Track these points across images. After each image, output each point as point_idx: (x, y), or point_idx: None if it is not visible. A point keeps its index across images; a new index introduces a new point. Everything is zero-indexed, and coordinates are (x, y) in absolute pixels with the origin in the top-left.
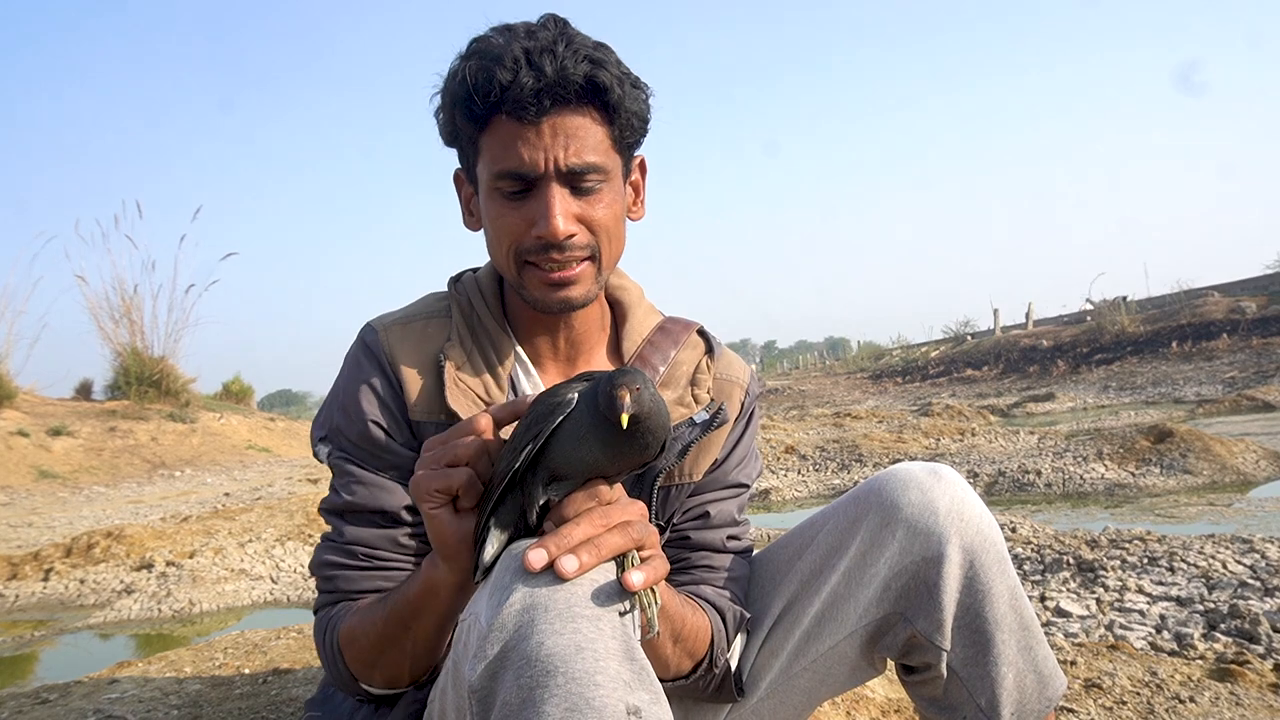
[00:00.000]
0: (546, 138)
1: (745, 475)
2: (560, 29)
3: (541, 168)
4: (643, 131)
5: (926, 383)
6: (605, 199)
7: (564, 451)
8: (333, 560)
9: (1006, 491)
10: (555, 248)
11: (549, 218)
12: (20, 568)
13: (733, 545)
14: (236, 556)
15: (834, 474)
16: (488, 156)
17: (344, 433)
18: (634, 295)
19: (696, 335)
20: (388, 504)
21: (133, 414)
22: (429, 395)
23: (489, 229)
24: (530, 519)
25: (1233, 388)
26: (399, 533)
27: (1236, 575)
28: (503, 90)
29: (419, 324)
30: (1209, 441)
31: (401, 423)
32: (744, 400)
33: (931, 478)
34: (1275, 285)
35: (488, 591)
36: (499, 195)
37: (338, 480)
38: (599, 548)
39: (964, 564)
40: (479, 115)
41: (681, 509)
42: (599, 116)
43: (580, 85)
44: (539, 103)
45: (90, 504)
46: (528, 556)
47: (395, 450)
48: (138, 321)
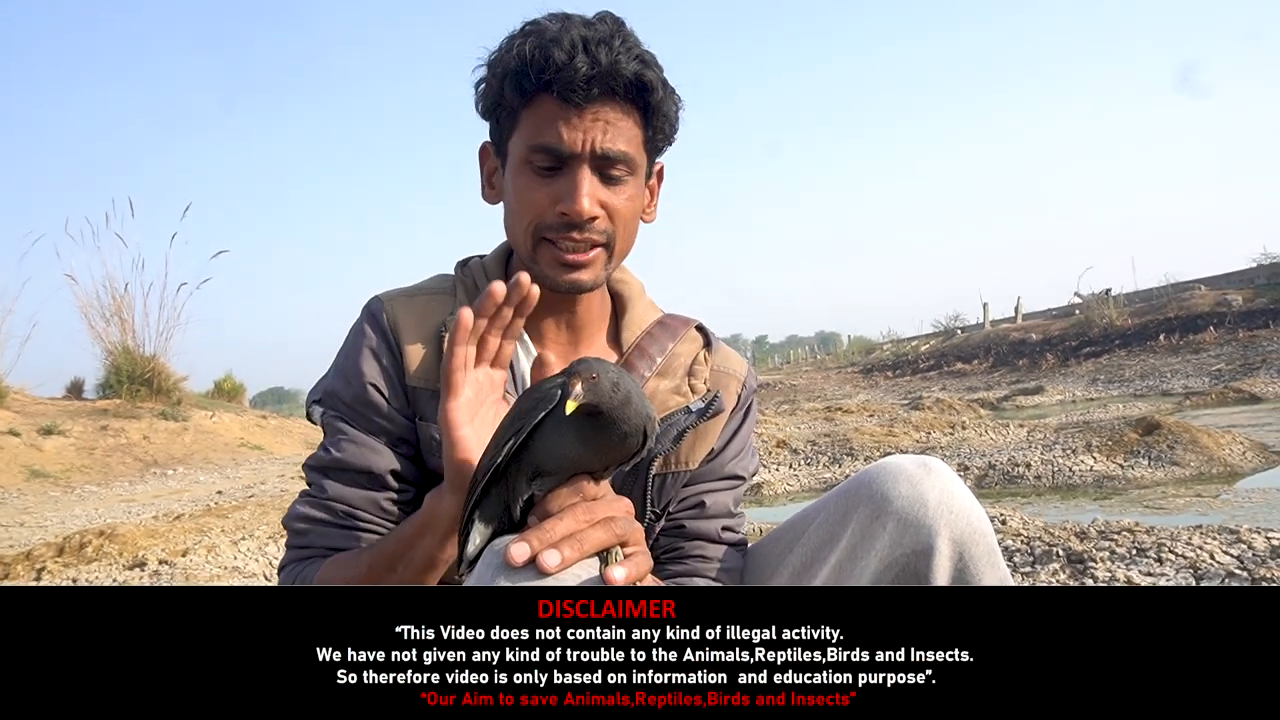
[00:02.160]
0: (588, 121)
1: (742, 468)
2: (617, 25)
3: (578, 148)
4: (670, 139)
5: (917, 376)
6: (628, 191)
7: (546, 446)
8: (310, 514)
9: (996, 484)
10: (576, 227)
11: (576, 196)
12: (12, 567)
13: (727, 537)
14: (230, 554)
15: (825, 468)
16: (526, 130)
17: (340, 395)
18: (635, 290)
19: (695, 330)
20: (375, 465)
21: (124, 413)
22: (428, 363)
23: (512, 201)
24: (514, 514)
25: (1220, 380)
26: (381, 496)
27: (1224, 566)
28: (557, 70)
29: (423, 298)
30: (1196, 434)
31: (399, 389)
32: (740, 393)
33: (921, 470)
34: (1262, 278)
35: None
36: (530, 169)
37: (328, 438)
38: (582, 543)
39: (954, 556)
40: (527, 90)
41: (677, 498)
42: (637, 115)
43: (629, 80)
44: (588, 88)
45: (82, 503)
46: (510, 551)
47: (389, 415)
48: (129, 320)
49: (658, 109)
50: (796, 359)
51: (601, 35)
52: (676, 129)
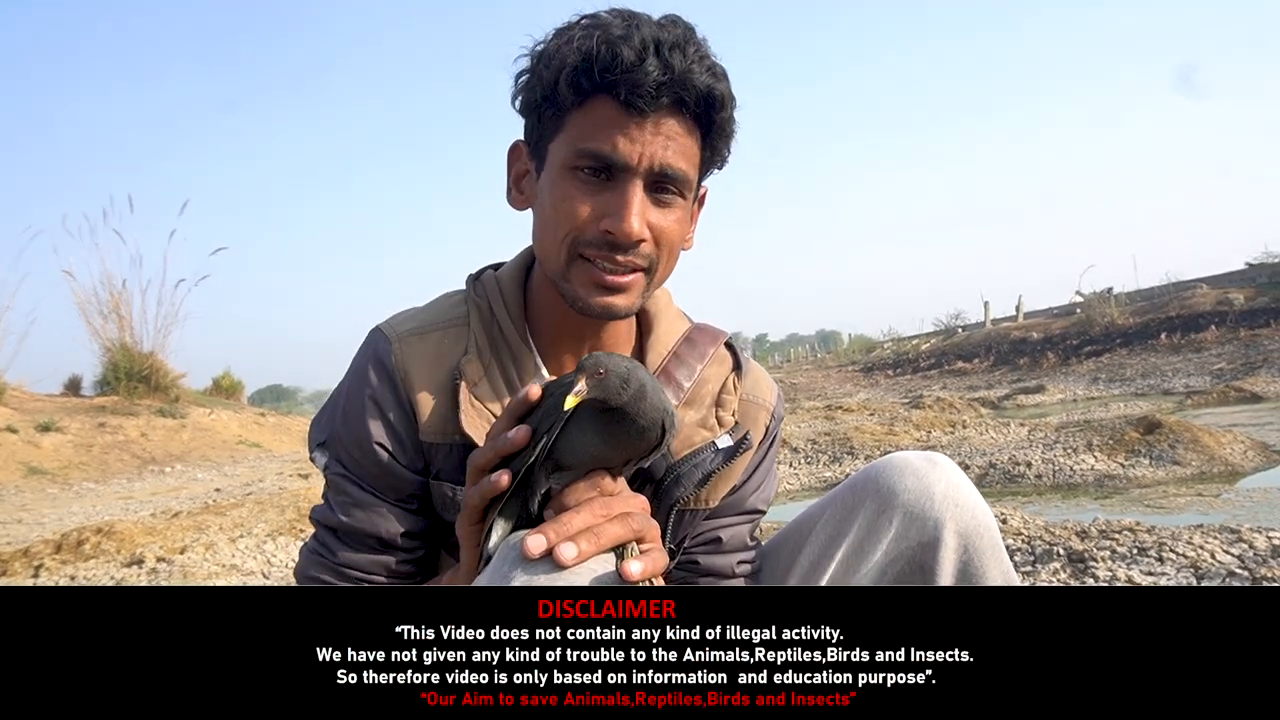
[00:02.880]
0: (648, 133)
1: (762, 500)
2: (690, 31)
3: (634, 161)
4: (723, 164)
5: (917, 375)
6: (678, 214)
7: (568, 441)
8: (321, 577)
9: (997, 483)
10: (620, 248)
11: (626, 214)
12: (10, 564)
13: (741, 570)
14: (228, 552)
15: (825, 466)
16: (575, 132)
17: (345, 445)
18: (662, 302)
19: (724, 349)
20: (384, 530)
21: (122, 409)
22: (442, 416)
23: (549, 209)
24: (532, 507)
25: (1221, 379)
26: (392, 559)
27: (1225, 565)
28: (625, 72)
29: (435, 335)
30: (1198, 433)
31: (409, 445)
32: (769, 424)
33: (927, 464)
34: (1263, 277)
35: (487, 578)
36: (575, 176)
37: (334, 496)
38: (598, 537)
39: (959, 548)
40: (585, 89)
41: (693, 533)
42: (699, 132)
43: (700, 93)
44: (656, 96)
45: (80, 500)
46: (526, 543)
47: (397, 473)
48: (127, 316)
49: (721, 129)
50: (797, 357)
51: (675, 39)
52: (730, 154)
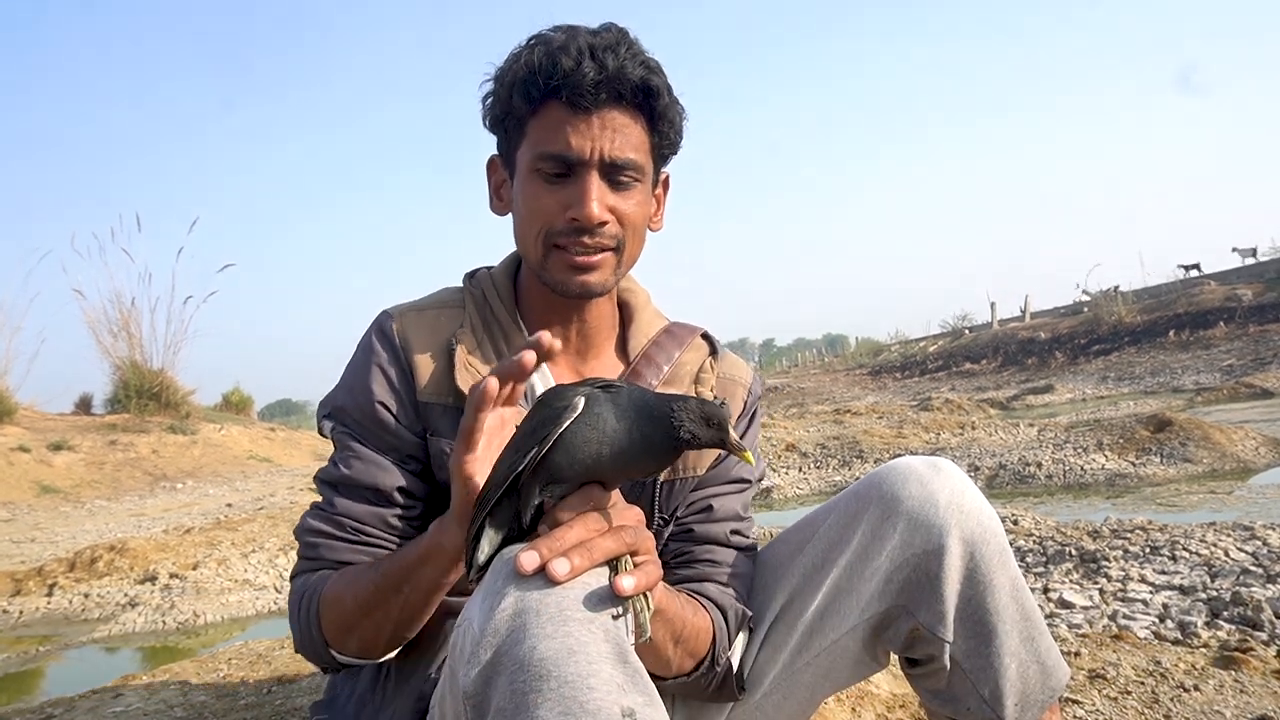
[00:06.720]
0: (595, 128)
1: (748, 470)
2: (622, 34)
3: (586, 155)
4: (675, 147)
5: (925, 377)
6: (636, 197)
7: (567, 456)
8: (319, 528)
9: (1008, 484)
10: (586, 232)
11: (585, 202)
12: (24, 583)
13: (737, 540)
14: (240, 567)
15: (835, 470)
16: (534, 138)
17: (349, 411)
18: (641, 299)
19: (701, 339)
20: (382, 482)
21: (133, 427)
22: (439, 377)
23: (522, 210)
24: (524, 521)
25: (1231, 375)
26: (389, 512)
27: (1238, 562)
28: (564, 77)
29: (433, 312)
30: (1208, 430)
31: (408, 405)
32: (747, 399)
33: (931, 470)
34: (1270, 272)
35: (480, 595)
36: (538, 177)
37: (337, 454)
38: (591, 551)
39: (965, 556)
40: (534, 98)
41: (685, 503)
42: (644, 121)
43: (635, 85)
44: (595, 94)
45: (92, 518)
46: (520, 559)
47: (398, 432)
48: (136, 334)
49: (663, 115)
50: (804, 362)
51: (608, 42)
52: (682, 137)
